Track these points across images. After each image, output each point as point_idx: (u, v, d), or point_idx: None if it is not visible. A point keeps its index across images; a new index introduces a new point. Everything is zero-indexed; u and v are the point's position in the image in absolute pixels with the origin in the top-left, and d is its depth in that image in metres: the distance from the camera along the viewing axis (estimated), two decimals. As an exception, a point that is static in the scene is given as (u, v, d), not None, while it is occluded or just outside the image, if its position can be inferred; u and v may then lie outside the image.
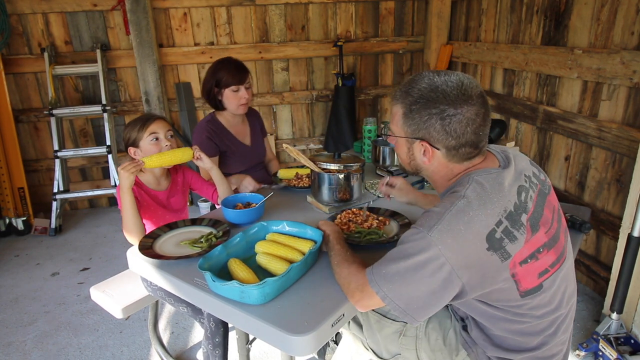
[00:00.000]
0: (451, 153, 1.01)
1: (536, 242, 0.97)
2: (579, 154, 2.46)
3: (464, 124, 0.96)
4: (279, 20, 3.68)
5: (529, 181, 1.03)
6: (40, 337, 2.25)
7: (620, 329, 1.99)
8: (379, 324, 1.32)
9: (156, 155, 1.59)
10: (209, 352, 1.67)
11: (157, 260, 1.32)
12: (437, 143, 1.00)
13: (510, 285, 0.95)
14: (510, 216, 0.94)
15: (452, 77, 0.98)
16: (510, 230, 0.93)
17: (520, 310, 1.00)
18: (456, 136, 0.97)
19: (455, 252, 0.90)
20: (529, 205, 0.98)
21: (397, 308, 0.97)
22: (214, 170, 1.74)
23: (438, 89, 0.97)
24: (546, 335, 1.05)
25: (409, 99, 1.00)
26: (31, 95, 3.50)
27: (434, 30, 3.76)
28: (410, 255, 0.94)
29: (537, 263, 0.97)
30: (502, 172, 1.00)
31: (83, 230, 3.46)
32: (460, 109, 0.95)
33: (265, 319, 1.07)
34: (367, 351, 1.40)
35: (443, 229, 0.91)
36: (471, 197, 0.94)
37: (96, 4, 3.36)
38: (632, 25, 2.07)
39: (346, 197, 1.68)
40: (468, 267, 0.91)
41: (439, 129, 0.97)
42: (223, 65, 2.03)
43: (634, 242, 1.89)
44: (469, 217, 0.91)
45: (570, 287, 1.10)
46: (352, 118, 3.79)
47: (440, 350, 1.21)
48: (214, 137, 2.04)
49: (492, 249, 0.91)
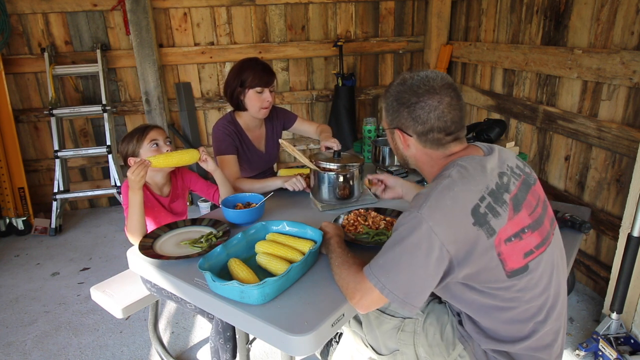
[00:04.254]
0: (422, 139, 1.11)
1: (520, 222, 1.03)
2: (578, 154, 2.46)
3: (426, 110, 1.07)
4: (279, 20, 3.68)
5: (511, 170, 1.11)
6: (41, 337, 2.25)
7: (620, 329, 2.00)
8: (378, 320, 1.33)
9: (163, 155, 1.59)
10: (218, 346, 1.67)
11: (157, 260, 1.33)
12: (408, 129, 1.12)
13: (496, 264, 1.00)
14: (493, 193, 1.02)
15: (421, 73, 1.11)
16: (493, 206, 1.00)
17: (508, 294, 1.04)
18: (421, 122, 1.09)
19: (444, 227, 0.96)
20: (511, 188, 1.06)
21: (396, 298, 1.00)
22: (217, 172, 1.74)
23: (406, 83, 1.10)
24: (536, 322, 1.08)
25: (387, 95, 1.16)
26: (31, 95, 3.50)
27: (434, 30, 3.77)
28: (404, 238, 0.99)
29: (522, 243, 1.03)
30: (485, 158, 1.09)
31: (83, 230, 3.46)
32: (423, 98, 1.07)
33: (265, 319, 1.07)
34: (367, 348, 1.41)
35: (432, 206, 0.98)
36: (455, 176, 1.03)
37: (96, 4, 3.36)
38: (632, 25, 2.07)
39: (345, 194, 1.68)
40: (456, 242, 0.97)
41: (407, 116, 1.10)
42: (249, 66, 1.95)
43: (634, 242, 1.89)
44: (454, 193, 0.99)
45: (558, 275, 1.13)
46: (352, 118, 3.79)
47: (437, 345, 1.22)
48: (233, 136, 2.00)
49: (477, 224, 0.98)
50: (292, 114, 2.27)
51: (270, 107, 2.01)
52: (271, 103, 1.99)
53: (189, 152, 1.64)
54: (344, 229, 1.47)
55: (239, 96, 1.97)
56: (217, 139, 1.98)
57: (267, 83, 1.94)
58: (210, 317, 1.69)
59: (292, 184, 1.81)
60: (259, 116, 2.01)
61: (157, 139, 1.65)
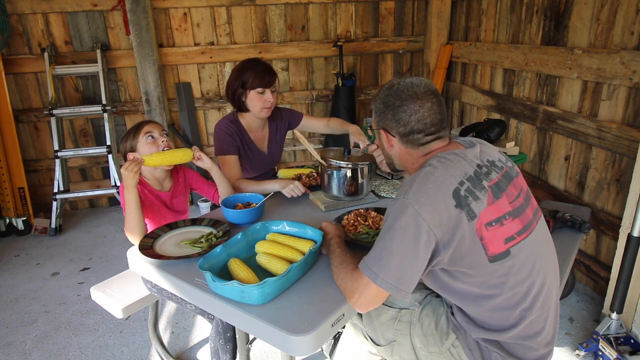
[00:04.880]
0: (404, 139, 1.20)
1: (500, 209, 1.09)
2: (578, 154, 2.46)
3: (408, 113, 1.16)
4: (279, 20, 3.68)
5: (492, 164, 1.17)
6: (40, 337, 2.25)
7: (620, 329, 2.00)
8: (377, 311, 1.36)
9: (156, 154, 1.59)
10: (218, 347, 1.67)
11: (157, 260, 1.33)
12: (392, 130, 1.20)
13: (478, 248, 1.05)
14: (471, 179, 1.08)
15: (407, 79, 1.20)
16: (472, 190, 1.06)
17: (491, 280, 1.08)
18: (403, 124, 1.17)
19: (429, 210, 1.02)
20: (491, 176, 1.12)
21: (389, 286, 1.03)
22: (214, 169, 1.74)
23: (393, 88, 1.20)
24: (522, 310, 1.11)
25: (376, 98, 1.25)
26: (31, 95, 3.50)
27: (434, 30, 3.77)
28: (392, 224, 1.05)
29: (503, 228, 1.08)
30: (465, 150, 1.17)
31: (83, 230, 3.46)
32: (406, 102, 1.16)
33: (265, 319, 1.07)
34: (366, 341, 1.42)
35: (416, 190, 1.05)
36: (435, 164, 1.10)
37: (96, 4, 3.36)
38: (632, 25, 2.07)
39: (352, 190, 1.70)
40: (441, 224, 1.02)
41: (391, 118, 1.19)
42: (250, 66, 1.94)
43: (634, 242, 1.89)
44: (434, 177, 1.06)
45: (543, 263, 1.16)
46: (352, 118, 3.79)
47: (432, 335, 1.25)
48: (234, 136, 1.99)
49: (459, 207, 1.04)
50: (298, 113, 2.26)
51: (272, 107, 2.00)
52: (273, 103, 1.98)
53: (182, 151, 1.65)
54: (344, 229, 1.47)
55: (240, 97, 1.95)
56: (219, 139, 1.97)
57: (269, 84, 1.93)
58: (210, 317, 1.69)
59: (289, 191, 1.79)
60: (261, 116, 2.00)
61: (151, 131, 1.65)
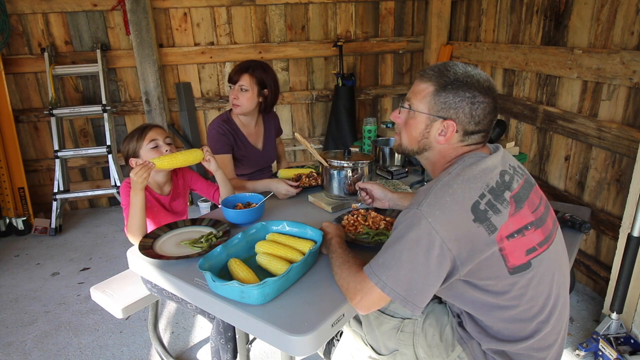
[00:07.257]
0: (465, 137, 1.08)
1: (522, 219, 1.02)
2: (578, 154, 2.46)
3: (487, 112, 1.06)
4: (279, 20, 3.68)
5: (514, 170, 1.10)
6: (40, 337, 2.25)
7: (620, 329, 2.00)
8: (378, 320, 1.33)
9: (167, 156, 1.58)
10: (219, 346, 1.67)
11: (157, 260, 1.32)
12: (459, 125, 1.07)
13: (498, 260, 0.99)
14: (493, 191, 1.01)
15: (480, 70, 1.08)
16: (493, 204, 0.99)
17: (510, 292, 1.03)
18: (477, 122, 1.06)
19: (444, 224, 0.95)
20: (513, 185, 1.05)
21: (398, 296, 0.99)
22: (219, 172, 1.74)
23: (473, 77, 1.05)
24: (539, 322, 1.07)
25: (444, 78, 1.06)
26: (31, 95, 3.50)
27: (434, 30, 3.77)
28: (403, 235, 0.99)
29: (524, 239, 1.02)
30: (489, 156, 1.08)
31: (83, 230, 3.46)
32: (487, 98, 1.05)
33: (265, 319, 1.07)
34: (366, 347, 1.41)
35: (431, 202, 0.98)
36: (454, 174, 1.02)
37: (96, 4, 3.36)
38: (632, 25, 2.07)
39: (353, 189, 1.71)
40: (457, 239, 0.96)
41: (467, 111, 1.05)
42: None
43: (634, 242, 1.89)
44: (453, 190, 0.99)
45: (560, 276, 1.12)
46: (352, 118, 3.80)
47: (436, 346, 1.22)
48: (227, 135, 2.03)
49: (478, 221, 0.97)
50: (280, 130, 2.37)
51: (241, 104, 2.02)
52: (238, 100, 2.01)
53: (192, 153, 1.63)
54: (344, 229, 1.47)
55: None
56: (212, 138, 2.01)
57: (232, 80, 2.01)
58: (211, 317, 1.69)
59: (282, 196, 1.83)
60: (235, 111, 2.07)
61: (156, 138, 1.64)
